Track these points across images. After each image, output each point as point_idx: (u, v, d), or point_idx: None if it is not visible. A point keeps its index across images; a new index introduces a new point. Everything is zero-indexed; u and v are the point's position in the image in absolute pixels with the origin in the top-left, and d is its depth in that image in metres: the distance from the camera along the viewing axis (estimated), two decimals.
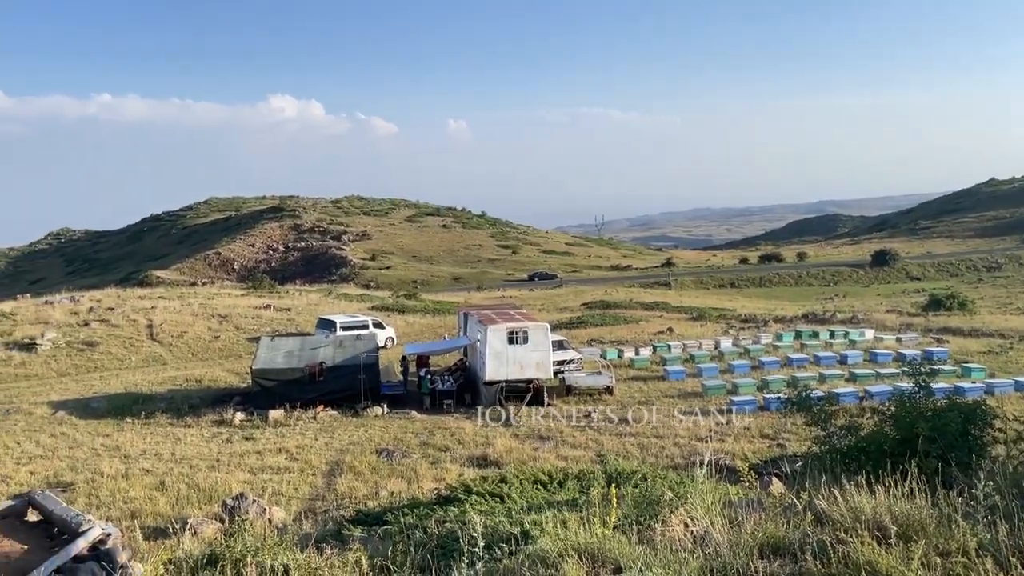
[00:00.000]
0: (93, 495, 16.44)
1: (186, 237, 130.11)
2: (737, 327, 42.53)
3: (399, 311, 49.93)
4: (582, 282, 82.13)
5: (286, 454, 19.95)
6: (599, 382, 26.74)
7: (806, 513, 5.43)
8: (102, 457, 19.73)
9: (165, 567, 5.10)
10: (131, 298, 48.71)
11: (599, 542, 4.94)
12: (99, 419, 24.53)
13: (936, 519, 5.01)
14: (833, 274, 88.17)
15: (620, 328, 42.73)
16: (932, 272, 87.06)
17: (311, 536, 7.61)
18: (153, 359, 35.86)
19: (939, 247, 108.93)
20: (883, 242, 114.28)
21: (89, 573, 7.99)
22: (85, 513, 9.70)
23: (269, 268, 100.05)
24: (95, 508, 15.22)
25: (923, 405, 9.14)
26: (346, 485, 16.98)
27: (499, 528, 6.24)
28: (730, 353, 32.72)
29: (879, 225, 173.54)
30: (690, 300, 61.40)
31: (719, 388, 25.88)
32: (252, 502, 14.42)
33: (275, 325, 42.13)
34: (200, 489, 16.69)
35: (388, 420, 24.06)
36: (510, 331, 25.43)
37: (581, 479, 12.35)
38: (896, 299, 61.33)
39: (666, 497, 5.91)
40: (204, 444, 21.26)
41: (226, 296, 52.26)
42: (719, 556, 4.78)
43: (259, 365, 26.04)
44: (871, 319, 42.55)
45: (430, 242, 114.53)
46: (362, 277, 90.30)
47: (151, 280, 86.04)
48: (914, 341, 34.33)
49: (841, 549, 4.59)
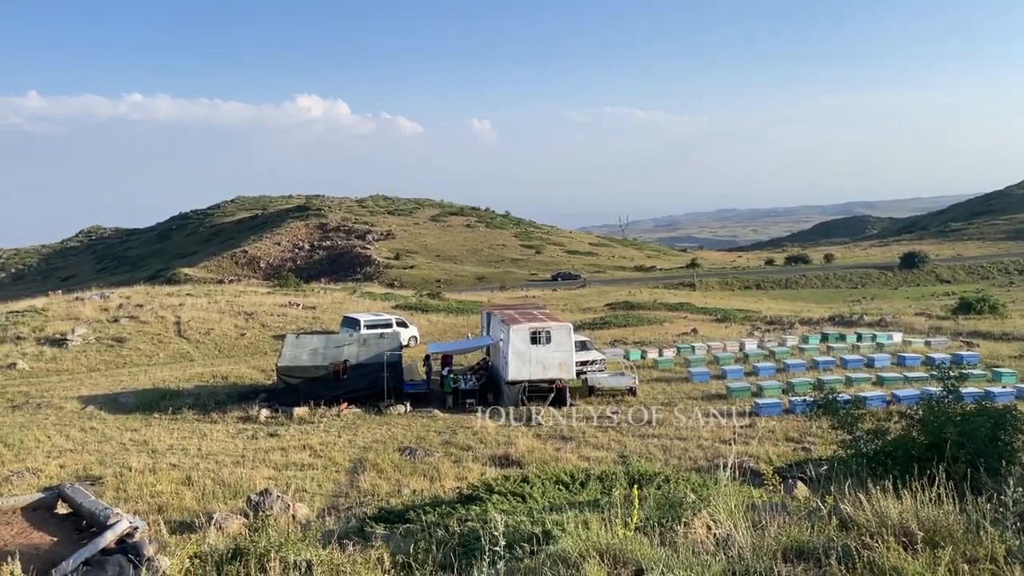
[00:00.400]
0: (121, 489, 16.66)
1: (214, 235, 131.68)
2: (762, 329, 42.13)
3: (422, 310, 50.13)
4: (606, 282, 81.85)
5: (310, 451, 20.11)
6: (622, 383, 26.63)
7: (831, 517, 5.38)
8: (130, 452, 20.01)
9: (191, 561, 5.16)
10: (159, 295, 49.36)
11: (620, 543, 4.92)
12: (128, 414, 24.90)
13: (964, 525, 4.93)
14: (861, 276, 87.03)
15: (644, 329, 42.54)
16: (963, 275, 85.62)
17: (334, 533, 7.67)
18: (180, 356, 36.32)
19: (970, 249, 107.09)
20: (912, 244, 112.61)
21: (117, 566, 8.13)
22: (113, 507, 9.86)
23: (295, 266, 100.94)
24: (123, 502, 15.43)
25: (951, 409, 8.99)
26: (369, 483, 17.08)
27: (520, 528, 6.25)
28: (755, 355, 32.44)
29: (908, 227, 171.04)
30: (715, 301, 60.95)
31: (743, 390, 25.67)
32: (276, 498, 14.55)
33: (300, 323, 42.50)
34: (226, 484, 16.86)
35: (411, 418, 24.16)
36: (533, 331, 25.41)
37: (603, 480, 12.30)
38: (925, 302, 60.38)
39: (688, 499, 5.87)
40: (230, 440, 21.49)
41: (252, 294, 52.79)
42: (742, 559, 4.75)
43: (284, 362, 26.28)
44: (899, 322, 41.95)
45: (454, 241, 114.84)
46: (386, 276, 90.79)
47: (179, 278, 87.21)
48: (943, 345, 33.79)
49: (866, 554, 4.53)
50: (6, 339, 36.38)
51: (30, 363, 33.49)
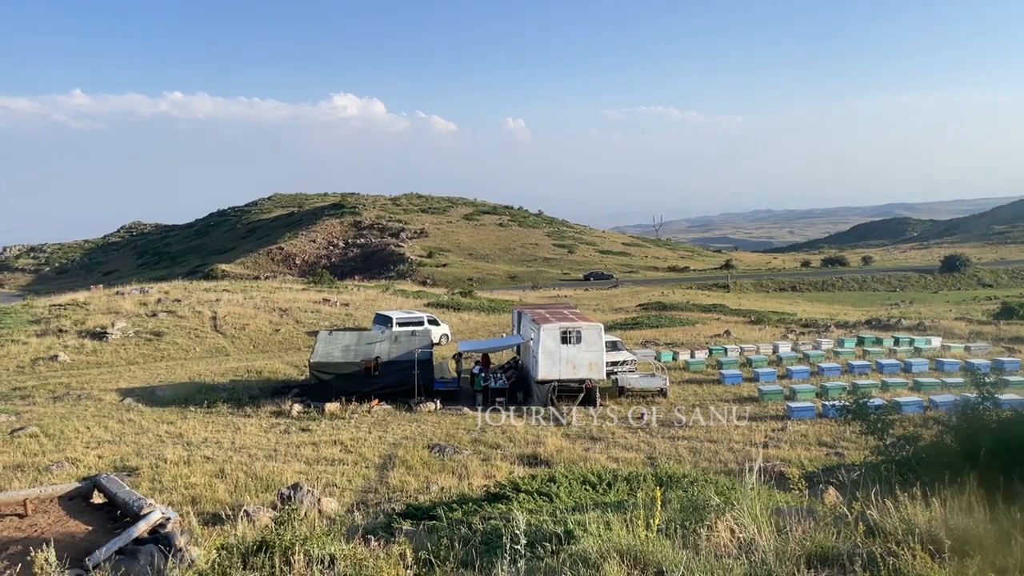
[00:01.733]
0: (156, 480, 17.00)
1: (250, 232, 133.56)
2: (797, 332, 41.55)
3: (454, 308, 50.33)
4: (638, 283, 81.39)
5: (340, 446, 20.32)
6: (653, 384, 26.48)
7: (858, 524, 5.30)
8: (166, 444, 20.41)
9: (218, 552, 5.26)
10: (197, 290, 50.22)
11: (642, 545, 4.91)
12: (164, 407, 25.41)
13: (994, 535, 4.83)
14: (900, 279, 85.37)
15: (676, 330, 42.23)
16: (1005, 279, 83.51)
17: (360, 528, 7.75)
18: (216, 350, 36.94)
19: (1013, 253, 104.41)
20: (954, 247, 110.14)
21: (149, 555, 8.32)
22: (147, 497, 10.09)
23: (329, 263, 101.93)
24: (158, 493, 15.75)
25: (987, 416, 8.80)
26: (398, 479, 17.21)
27: (543, 527, 6.26)
28: (788, 358, 32.02)
29: (950, 229, 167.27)
30: (749, 303, 60.26)
31: (776, 393, 25.36)
32: (307, 492, 14.75)
33: (333, 319, 42.96)
34: (257, 478, 17.11)
35: (441, 416, 24.30)
36: (563, 330, 25.39)
37: (630, 481, 12.26)
38: (966, 306, 59.01)
39: (713, 502, 5.83)
40: (262, 434, 21.81)
41: (287, 290, 53.49)
42: (764, 564, 4.70)
43: (317, 358, 26.60)
44: (939, 326, 41.09)
45: (486, 240, 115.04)
46: (419, 274, 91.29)
47: (216, 273, 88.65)
48: (984, 350, 33.02)
49: (892, 562, 4.47)
50: (48, 331, 37.35)
51: (71, 355, 34.34)
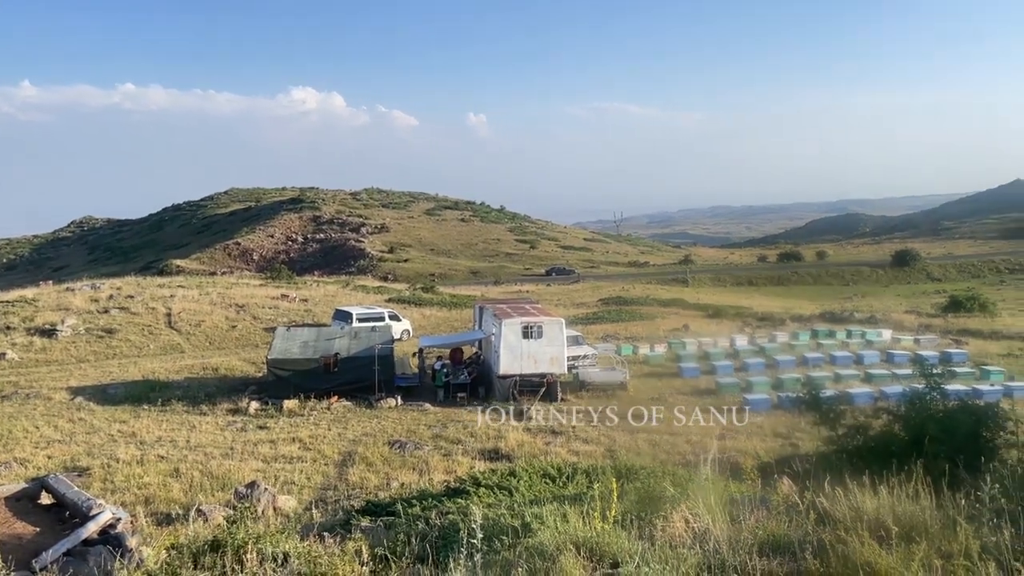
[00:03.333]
0: (108, 480, 16.62)
1: (206, 227, 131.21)
2: (753, 325, 42.25)
3: (416, 304, 50.10)
4: (599, 278, 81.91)
5: (299, 444, 20.09)
6: (613, 378, 26.69)
7: (809, 512, 5.40)
8: (118, 443, 19.97)
9: (168, 552, 5.15)
10: (150, 286, 49.18)
11: (598, 536, 4.94)
12: (116, 405, 24.84)
13: (940, 521, 4.96)
14: (852, 274, 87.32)
15: (636, 324, 42.62)
16: (953, 273, 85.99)
17: (316, 525, 7.67)
18: (171, 347, 36.23)
19: (961, 248, 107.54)
20: (904, 242, 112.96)
21: (98, 556, 8.13)
22: (97, 498, 9.84)
23: (288, 259, 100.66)
24: (110, 493, 15.39)
25: (934, 406, 9.04)
26: (358, 476, 17.08)
27: (500, 520, 6.26)
28: (745, 351, 32.53)
29: (900, 225, 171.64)
30: (707, 298, 61.08)
31: (733, 386, 25.76)
32: (264, 490, 14.55)
33: (292, 316, 42.44)
34: (214, 476, 16.84)
35: (401, 412, 24.17)
36: (525, 325, 25.45)
37: (590, 474, 12.33)
38: (916, 300, 60.64)
39: (668, 493, 5.89)
40: (219, 432, 21.46)
41: (244, 286, 52.67)
42: (718, 553, 4.77)
43: (275, 355, 26.24)
44: (889, 319, 42.13)
45: (448, 235, 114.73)
46: (380, 269, 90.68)
47: (171, 269, 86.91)
48: (933, 342, 33.95)
49: (841, 548, 4.56)
50: None
51: (19, 353, 33.36)
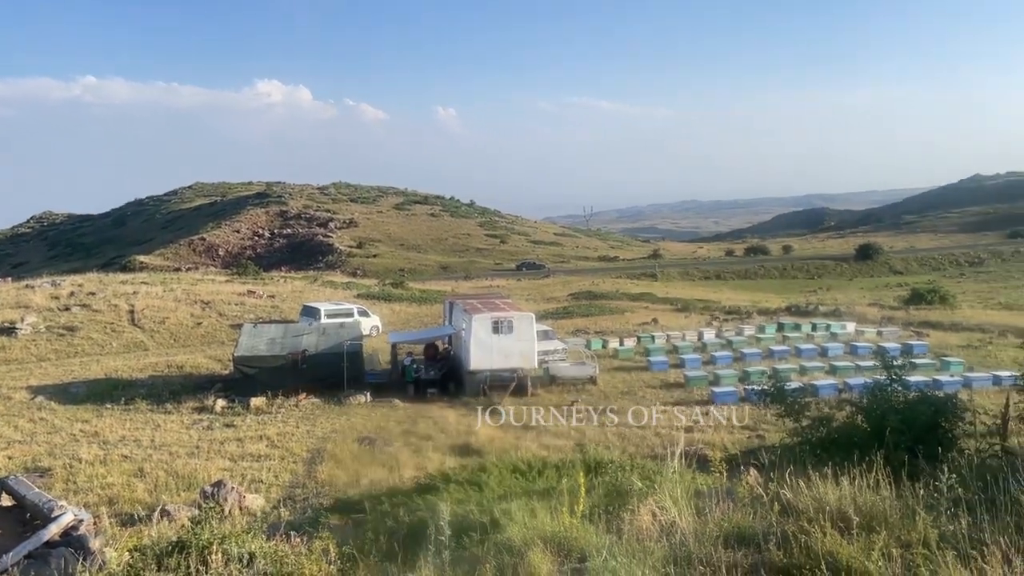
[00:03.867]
0: (71, 481, 16.35)
1: (170, 222, 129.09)
2: (721, 319, 42.70)
3: (385, 299, 49.78)
4: (569, 272, 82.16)
5: (267, 441, 19.90)
6: (583, 372, 26.80)
7: (773, 504, 5.47)
8: (80, 443, 19.61)
9: (131, 553, 5.06)
10: (113, 283, 48.26)
11: (566, 531, 4.96)
12: (78, 405, 24.35)
13: (899, 511, 5.06)
14: (818, 267, 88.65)
15: (605, 319, 42.84)
16: (915, 266, 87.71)
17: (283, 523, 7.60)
18: (134, 345, 35.60)
19: (922, 242, 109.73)
20: (867, 236, 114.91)
21: (60, 559, 7.96)
22: (58, 499, 9.65)
23: (254, 254, 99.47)
24: (72, 494, 15.12)
25: (895, 398, 9.22)
26: (326, 473, 16.97)
27: (469, 517, 6.26)
28: (713, 344, 32.88)
29: (864, 219, 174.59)
30: (676, 291, 61.59)
31: (701, 379, 26.02)
32: (231, 489, 14.38)
33: (259, 312, 41.94)
34: (179, 476, 16.63)
35: (371, 408, 24.04)
36: (495, 320, 25.43)
37: (559, 468, 12.41)
38: (879, 292, 61.75)
39: (636, 487, 5.94)
40: (184, 431, 21.17)
41: (210, 282, 51.93)
42: (684, 545, 4.82)
43: (241, 352, 25.92)
44: (853, 312, 42.82)
45: (418, 230, 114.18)
46: (348, 265, 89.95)
47: (134, 265, 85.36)
48: (895, 334, 34.60)
49: (803, 539, 4.63)
50: None
51: None
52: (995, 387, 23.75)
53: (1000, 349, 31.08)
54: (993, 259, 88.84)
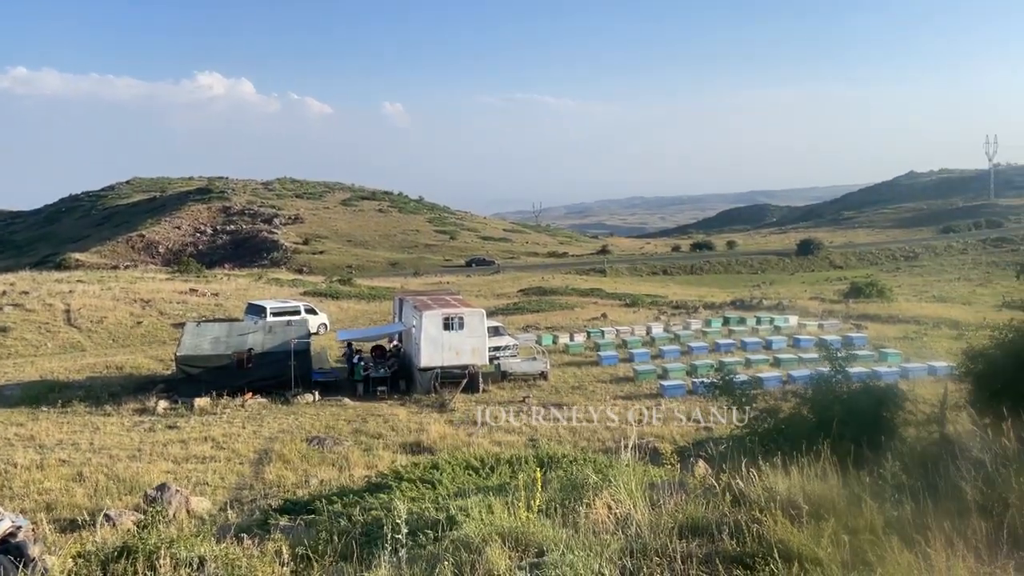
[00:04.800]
0: (6, 486, 15.78)
1: (107, 219, 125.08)
2: (668, 313, 43.35)
3: (333, 297, 49.14)
4: (519, 268, 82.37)
5: (212, 443, 19.49)
6: (534, 368, 26.92)
7: (725, 494, 5.57)
8: (15, 447, 18.89)
9: (74, 560, 4.88)
10: (47, 282, 46.60)
11: (523, 526, 4.96)
12: (12, 408, 23.45)
13: (846, 498, 5.20)
14: (761, 262, 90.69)
15: (556, 314, 43.06)
16: (854, 261, 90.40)
17: (232, 526, 7.43)
18: (71, 345, 34.43)
19: (860, 237, 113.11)
20: (808, 232, 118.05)
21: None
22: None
23: (196, 251, 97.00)
24: (8, 500, 14.57)
25: (839, 389, 9.48)
26: (275, 474, 16.70)
27: (425, 515, 6.22)
28: (661, 339, 33.34)
29: (805, 215, 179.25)
30: (624, 287, 62.30)
31: (650, 373, 26.38)
32: (175, 492, 14.05)
33: (202, 310, 40.97)
34: (120, 480, 16.17)
35: (320, 407, 23.72)
36: (445, 317, 25.33)
37: (512, 464, 12.41)
38: (819, 287, 63.46)
39: (591, 480, 5.98)
40: (125, 433, 20.57)
41: (150, 280, 50.51)
42: (640, 537, 4.86)
43: (184, 351, 25.28)
44: (795, 306, 43.93)
45: (366, 226, 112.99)
46: (294, 261, 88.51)
47: (69, 263, 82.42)
48: (835, 327, 35.60)
49: (756, 528, 4.72)
50: None
51: None
52: (930, 377, 24.65)
53: (934, 340, 32.25)
54: (927, 253, 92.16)
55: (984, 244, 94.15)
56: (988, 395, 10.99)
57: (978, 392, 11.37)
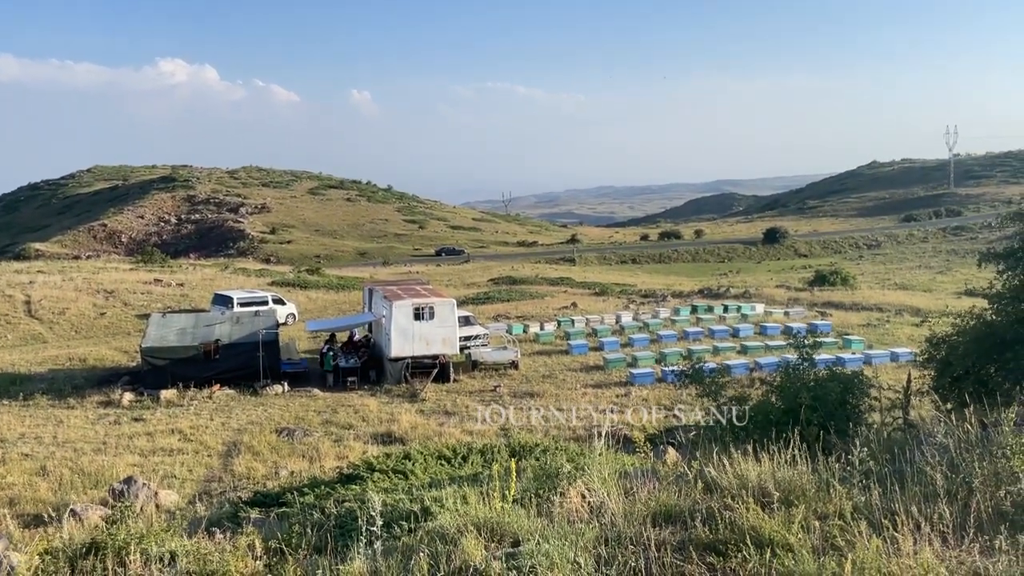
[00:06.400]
0: None
1: (68, 207, 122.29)
2: (637, 302, 43.67)
3: (301, 287, 48.69)
4: (489, 258, 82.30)
5: (179, 435, 19.24)
6: (505, 357, 26.96)
7: (697, 482, 5.63)
8: None
9: (41, 557, 4.79)
10: (6, 272, 45.55)
11: (498, 516, 4.97)
12: None
13: (816, 484, 5.29)
14: (728, 251, 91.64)
15: (526, 303, 43.15)
16: (818, 249, 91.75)
17: (203, 519, 7.35)
18: (32, 337, 33.70)
19: (825, 225, 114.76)
20: (774, 220, 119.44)
21: None
22: None
23: (160, 241, 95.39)
24: None
25: (806, 376, 9.63)
26: (244, 466, 16.56)
27: (399, 506, 6.20)
28: (630, 327, 33.59)
29: (771, 204, 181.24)
30: (593, 276, 62.58)
31: (619, 361, 26.57)
32: (142, 486, 13.85)
33: (167, 301, 40.34)
34: (85, 473, 15.90)
35: (289, 399, 23.53)
36: (416, 307, 25.24)
37: (485, 453, 12.43)
38: (785, 275, 64.35)
39: (565, 469, 6.00)
40: (89, 426, 20.22)
41: (113, 270, 49.58)
42: (614, 526, 4.90)
43: (149, 343, 24.87)
44: (762, 294, 44.51)
45: (334, 216, 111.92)
46: (261, 251, 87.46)
47: (29, 253, 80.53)
48: (800, 315, 36.17)
49: (728, 515, 4.78)
50: None
51: None
52: (893, 363, 25.22)
53: (897, 327, 32.94)
54: (889, 242, 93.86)
55: (944, 232, 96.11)
56: (950, 381, 11.27)
57: (940, 378, 11.65)
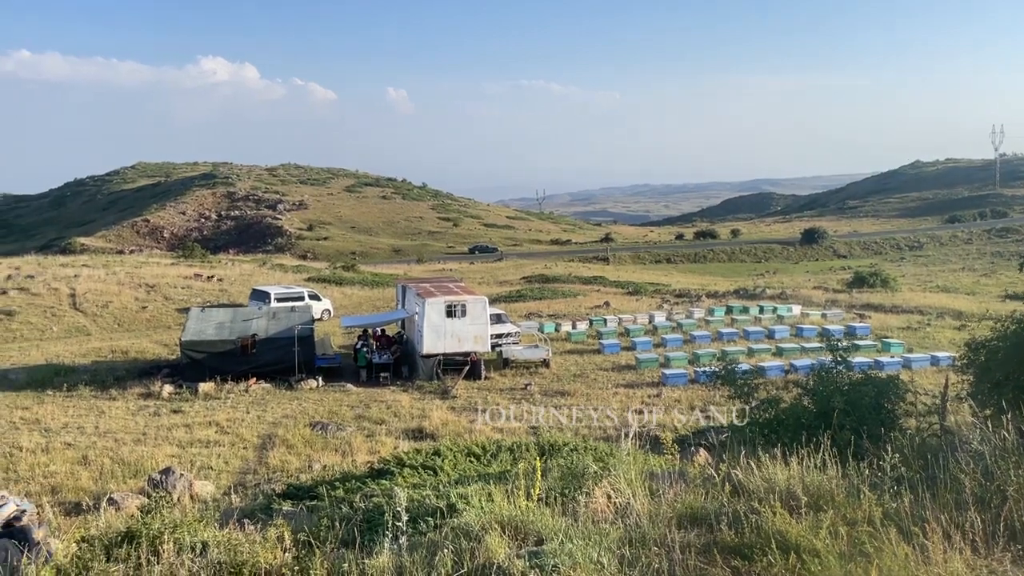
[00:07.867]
0: (11, 470, 15.88)
1: (112, 203, 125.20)
2: (671, 302, 43.34)
3: (336, 283, 49.23)
4: (522, 256, 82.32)
5: (216, 427, 19.58)
6: (536, 355, 26.96)
7: (724, 484, 5.60)
8: (21, 431, 19.02)
9: (78, 544, 4.94)
10: (52, 266, 46.76)
11: (522, 514, 5.00)
12: (18, 391, 23.59)
13: (845, 490, 5.23)
14: (764, 251, 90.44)
15: (558, 302, 43.08)
16: (858, 250, 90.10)
17: (236, 511, 7.49)
18: (76, 329, 34.57)
19: (865, 226, 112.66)
20: (812, 220, 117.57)
21: (3, 550, 7.72)
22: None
23: (201, 237, 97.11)
24: (13, 483, 14.70)
25: (839, 379, 9.49)
26: (278, 459, 16.79)
27: (426, 502, 6.26)
28: (663, 327, 33.35)
29: (809, 204, 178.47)
30: (627, 275, 62.24)
31: (652, 361, 26.40)
32: (179, 476, 14.14)
33: (206, 295, 41.09)
34: (125, 463, 16.27)
35: (323, 393, 23.82)
36: (448, 304, 25.38)
37: (514, 451, 12.46)
38: (823, 276, 63.30)
39: (591, 469, 6.01)
40: (130, 417, 20.69)
41: (155, 265, 50.64)
42: (639, 527, 4.90)
43: (188, 336, 25.38)
44: (798, 295, 43.86)
45: (369, 213, 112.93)
46: (298, 247, 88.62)
47: (75, 247, 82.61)
48: (838, 317, 35.56)
49: (754, 519, 4.75)
50: None
51: None
52: (933, 367, 24.67)
53: (938, 331, 32.21)
54: (931, 243, 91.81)
55: (989, 234, 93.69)
56: (989, 386, 11.00)
57: (979, 383, 11.37)
